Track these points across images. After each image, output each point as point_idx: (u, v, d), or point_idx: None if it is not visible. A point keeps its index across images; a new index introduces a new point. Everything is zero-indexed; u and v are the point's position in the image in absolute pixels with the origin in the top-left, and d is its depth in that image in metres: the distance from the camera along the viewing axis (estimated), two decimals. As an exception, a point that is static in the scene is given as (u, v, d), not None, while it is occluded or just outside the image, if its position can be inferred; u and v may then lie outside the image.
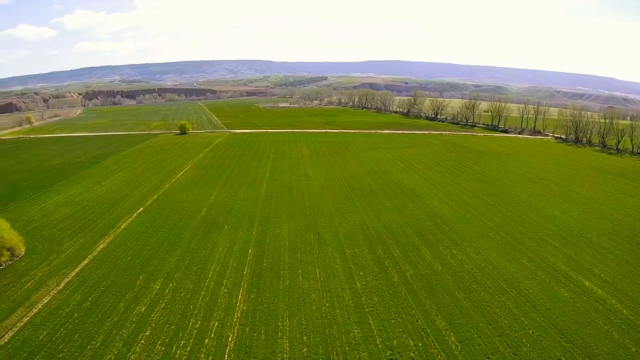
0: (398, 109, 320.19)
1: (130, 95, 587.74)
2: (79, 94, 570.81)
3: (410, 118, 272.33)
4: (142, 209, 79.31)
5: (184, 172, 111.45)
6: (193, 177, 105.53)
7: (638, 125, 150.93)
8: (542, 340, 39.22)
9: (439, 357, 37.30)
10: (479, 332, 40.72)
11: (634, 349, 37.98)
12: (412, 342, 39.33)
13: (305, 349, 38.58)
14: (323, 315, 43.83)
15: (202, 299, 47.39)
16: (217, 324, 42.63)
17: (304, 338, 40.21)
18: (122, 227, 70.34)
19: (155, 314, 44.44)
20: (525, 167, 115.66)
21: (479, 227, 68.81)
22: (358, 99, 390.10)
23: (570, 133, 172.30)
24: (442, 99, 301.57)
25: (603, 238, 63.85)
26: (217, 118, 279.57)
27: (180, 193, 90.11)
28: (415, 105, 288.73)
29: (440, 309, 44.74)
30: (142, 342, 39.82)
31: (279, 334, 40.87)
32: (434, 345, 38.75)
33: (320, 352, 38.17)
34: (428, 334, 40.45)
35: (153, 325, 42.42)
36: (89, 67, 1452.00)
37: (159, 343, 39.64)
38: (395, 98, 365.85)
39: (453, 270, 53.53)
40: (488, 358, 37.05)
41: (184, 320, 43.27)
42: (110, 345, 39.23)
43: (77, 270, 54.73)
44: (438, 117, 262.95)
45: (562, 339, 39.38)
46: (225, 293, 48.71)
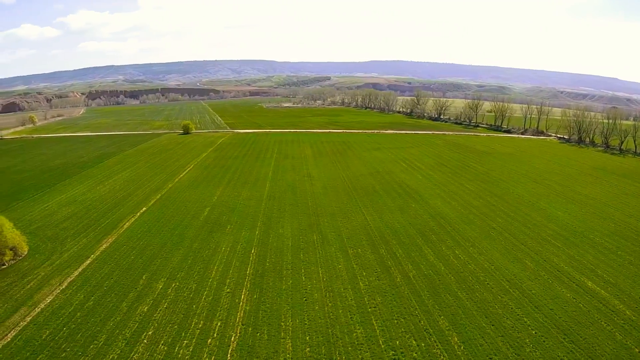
0: (401, 109, 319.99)
1: (134, 95, 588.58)
2: (82, 94, 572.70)
3: (414, 118, 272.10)
4: (145, 209, 79.50)
5: (187, 171, 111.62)
6: (196, 176, 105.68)
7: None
8: (544, 341, 39.18)
9: (442, 357, 37.28)
10: (482, 332, 40.70)
11: (637, 350, 37.89)
12: (414, 342, 39.33)
13: (308, 349, 38.61)
14: (326, 315, 43.85)
15: (204, 299, 47.47)
16: (219, 324, 42.70)
17: (307, 338, 40.24)
18: (125, 226, 70.52)
19: (158, 314, 44.54)
20: (528, 167, 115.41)
21: (482, 227, 68.75)
22: (361, 99, 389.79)
23: (574, 133, 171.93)
24: (445, 99, 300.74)
25: (606, 239, 63.69)
26: (220, 118, 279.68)
27: (183, 193, 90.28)
28: (419, 106, 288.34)
29: (443, 309, 44.72)
30: (144, 341, 39.92)
31: (282, 334, 40.90)
32: (437, 346, 38.74)
33: (323, 352, 38.20)
34: (431, 334, 40.44)
35: (156, 325, 42.52)
36: (92, 67, 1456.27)
37: (162, 343, 39.73)
38: (399, 98, 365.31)
39: (456, 271, 53.50)
40: (491, 358, 37.02)
41: (187, 320, 43.35)
42: (113, 345, 39.35)
43: (80, 270, 54.91)
44: (441, 117, 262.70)
45: (564, 340, 39.33)
46: (228, 293, 48.78)
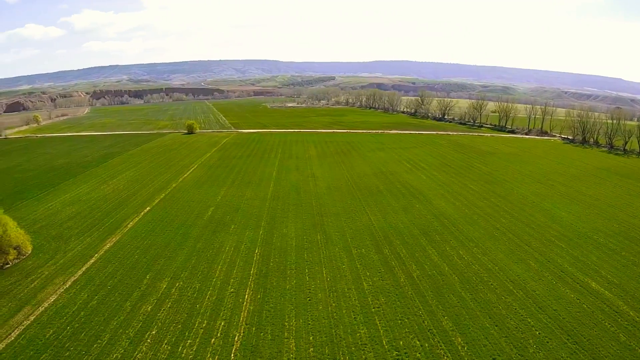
0: (405, 109, 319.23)
1: (138, 95, 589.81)
2: (87, 94, 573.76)
3: (418, 118, 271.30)
4: (149, 208, 79.71)
5: (191, 171, 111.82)
6: (200, 176, 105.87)
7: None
8: (548, 342, 39.06)
9: (445, 358, 37.21)
10: (486, 332, 40.62)
11: (642, 352, 37.71)
12: (418, 342, 39.28)
13: (312, 349, 38.62)
14: (329, 316, 43.85)
15: (208, 299, 47.56)
16: (223, 324, 42.76)
17: (310, 338, 40.25)
18: (129, 226, 70.73)
19: (162, 313, 44.64)
20: (532, 167, 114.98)
21: (486, 227, 68.59)
22: (365, 99, 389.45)
23: (578, 134, 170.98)
24: (449, 99, 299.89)
25: (610, 239, 63.41)
26: (224, 118, 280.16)
27: (187, 192, 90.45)
28: (423, 106, 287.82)
29: (447, 310, 44.65)
30: (148, 341, 40.03)
31: (286, 334, 40.94)
32: (441, 346, 38.69)
33: (327, 352, 38.20)
34: (434, 335, 40.39)
35: (159, 324, 42.63)
36: (97, 66, 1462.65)
37: (165, 342, 39.82)
38: (403, 98, 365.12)
39: (460, 271, 53.40)
40: (494, 359, 36.95)
41: (191, 320, 43.44)
42: (117, 344, 39.46)
43: (83, 269, 55.10)
44: (445, 117, 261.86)
45: (568, 340, 39.20)
46: (232, 292, 48.86)
